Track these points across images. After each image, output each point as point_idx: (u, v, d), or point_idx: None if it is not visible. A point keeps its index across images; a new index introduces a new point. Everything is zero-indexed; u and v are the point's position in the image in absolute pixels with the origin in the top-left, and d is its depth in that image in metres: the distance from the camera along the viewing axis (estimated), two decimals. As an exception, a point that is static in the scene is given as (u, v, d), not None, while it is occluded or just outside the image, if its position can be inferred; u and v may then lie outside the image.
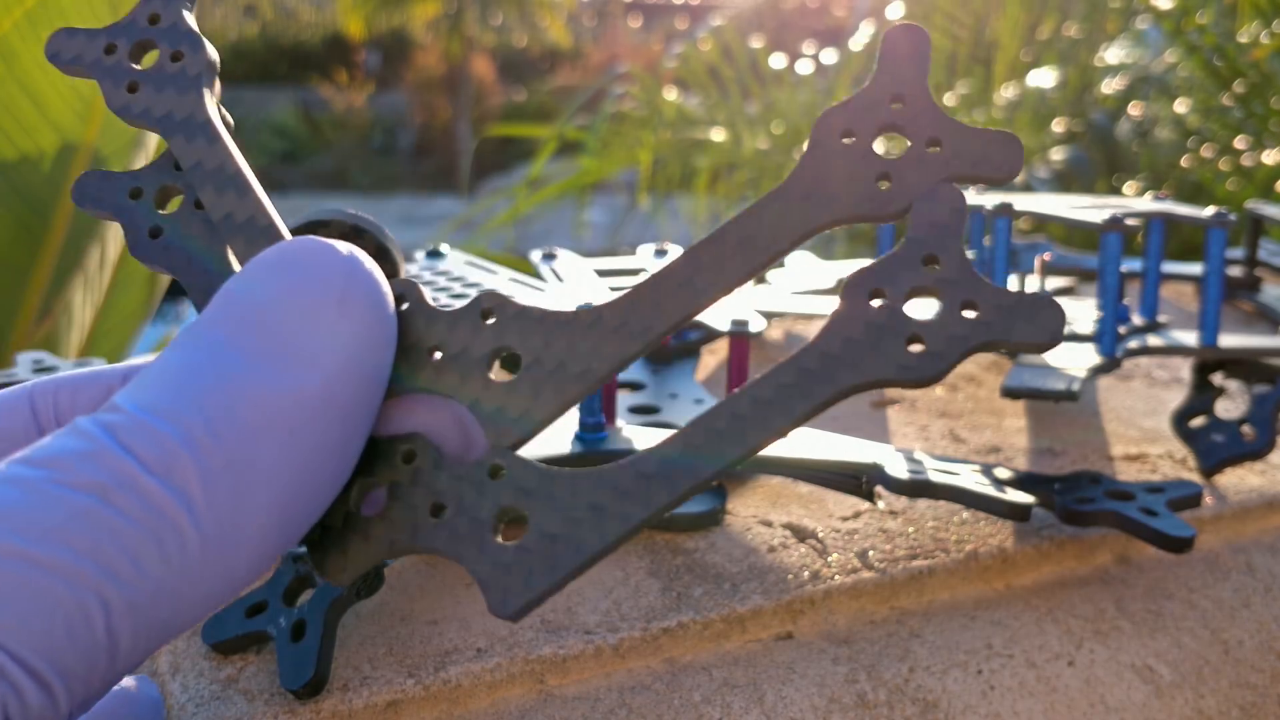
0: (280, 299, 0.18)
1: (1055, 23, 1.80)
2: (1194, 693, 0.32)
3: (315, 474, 0.18)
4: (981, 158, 0.19)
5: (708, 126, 1.84)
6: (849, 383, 0.19)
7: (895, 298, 0.19)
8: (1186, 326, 0.45)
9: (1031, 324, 0.18)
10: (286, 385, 0.17)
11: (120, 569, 0.16)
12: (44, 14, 0.71)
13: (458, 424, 0.20)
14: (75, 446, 0.16)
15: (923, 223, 0.19)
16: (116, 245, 0.82)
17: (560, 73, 7.12)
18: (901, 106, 0.20)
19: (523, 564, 0.18)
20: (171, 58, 0.23)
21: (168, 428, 0.17)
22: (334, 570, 0.19)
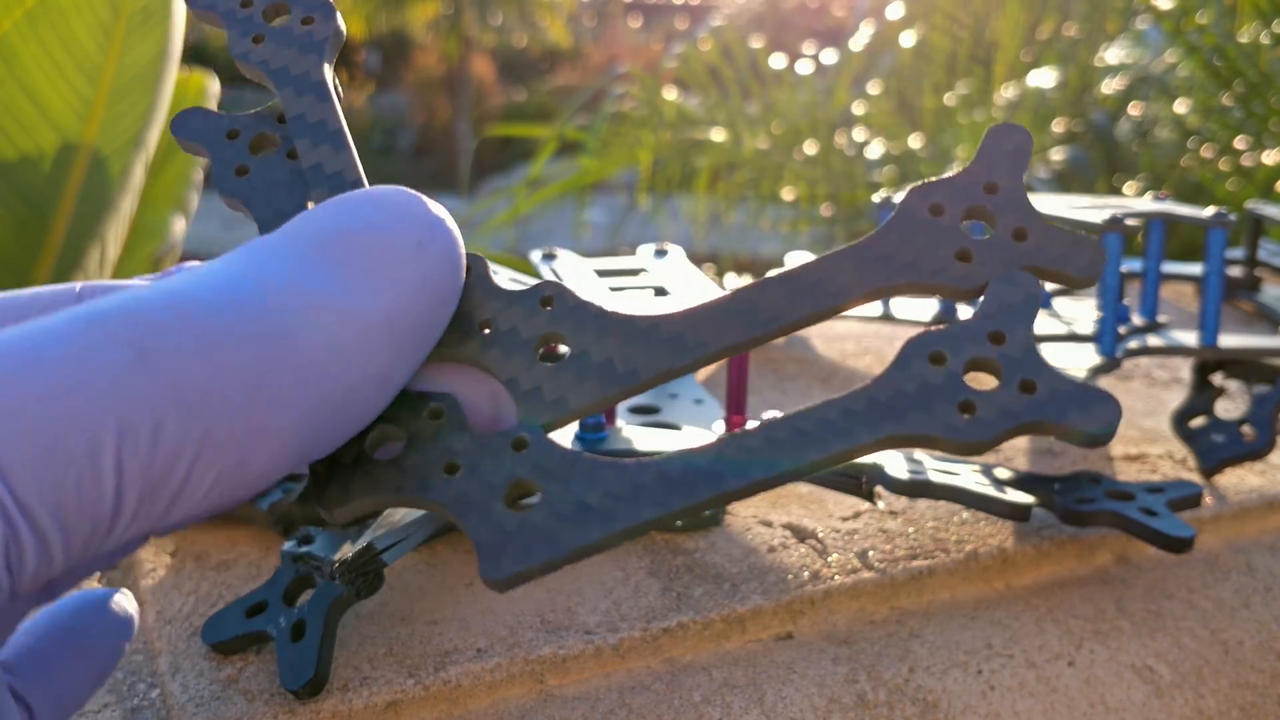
0: (361, 227, 0.18)
1: (1055, 23, 1.80)
2: (1194, 693, 0.32)
3: (346, 398, 0.18)
4: (1063, 257, 0.20)
5: (708, 126, 1.84)
6: (890, 432, 0.19)
7: (955, 364, 0.19)
8: (1186, 327, 0.45)
9: (1085, 413, 0.18)
10: (347, 305, 0.17)
11: (141, 433, 0.15)
12: (44, 14, 0.71)
13: (491, 399, 0.20)
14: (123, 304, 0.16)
15: (995, 302, 0.20)
16: (116, 246, 0.82)
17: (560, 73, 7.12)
18: (994, 196, 0.21)
19: (524, 536, 0.18)
20: (303, 21, 0.24)
21: (220, 302, 0.17)
22: (332, 503, 0.19)
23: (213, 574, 0.33)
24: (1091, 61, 1.76)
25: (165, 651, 0.29)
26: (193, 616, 0.31)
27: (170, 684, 0.28)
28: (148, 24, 0.74)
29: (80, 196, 0.77)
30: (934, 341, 0.19)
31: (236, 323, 0.16)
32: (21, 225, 0.76)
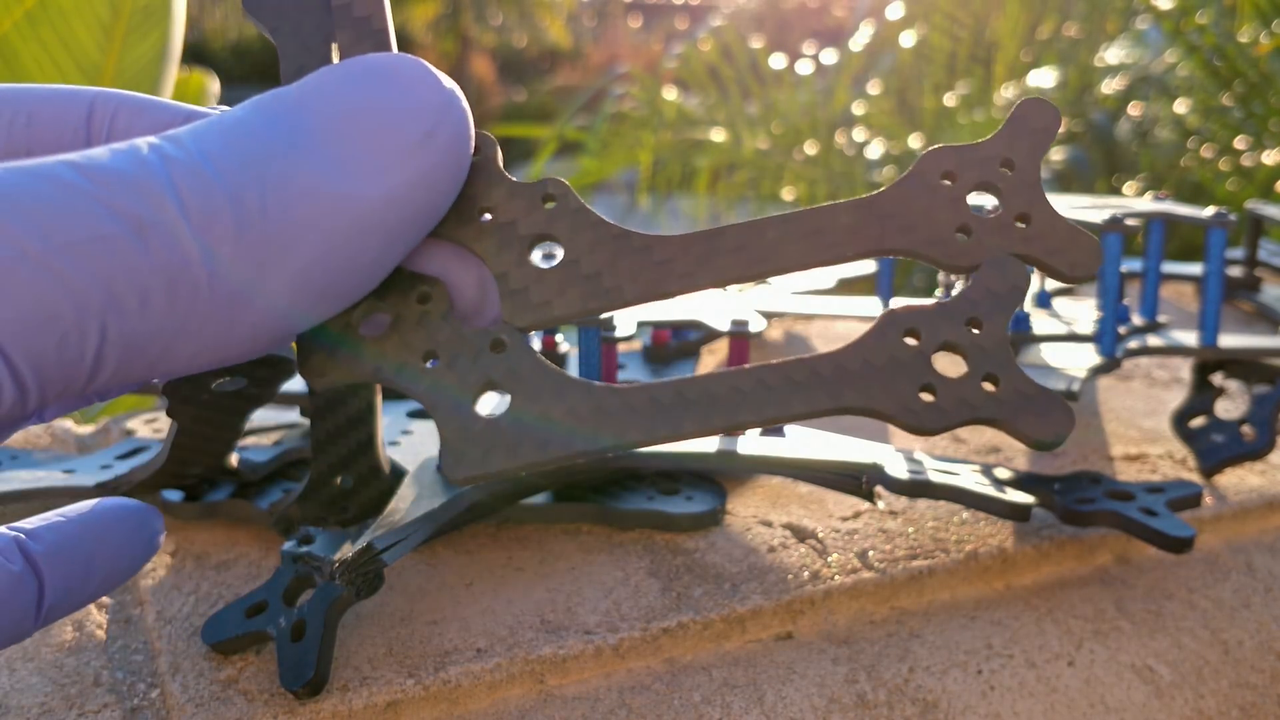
0: (370, 110, 0.18)
1: (1055, 23, 1.80)
2: (1194, 693, 0.32)
3: (341, 279, 0.18)
4: (1059, 249, 0.20)
5: (708, 127, 1.84)
6: (851, 403, 0.19)
7: (927, 344, 0.19)
8: (1186, 327, 0.45)
9: (1040, 419, 0.19)
10: (345, 193, 0.17)
11: (127, 303, 0.16)
12: (44, 14, 0.71)
13: (479, 286, 0.20)
14: (127, 169, 0.16)
15: (981, 286, 0.20)
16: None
17: (560, 73, 7.12)
18: (1009, 173, 0.20)
19: (488, 439, 0.19)
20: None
21: (221, 182, 0.17)
22: (314, 372, 0.19)
23: (213, 574, 0.33)
24: (1091, 61, 1.76)
25: (165, 651, 0.29)
26: (193, 616, 0.31)
27: (170, 684, 0.28)
28: (148, 24, 0.74)
29: (80, 196, 0.77)
30: (912, 318, 0.19)
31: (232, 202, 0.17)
32: (21, 225, 0.76)
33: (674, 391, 0.19)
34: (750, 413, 0.19)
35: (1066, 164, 1.57)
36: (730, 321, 0.38)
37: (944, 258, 0.20)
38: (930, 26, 1.82)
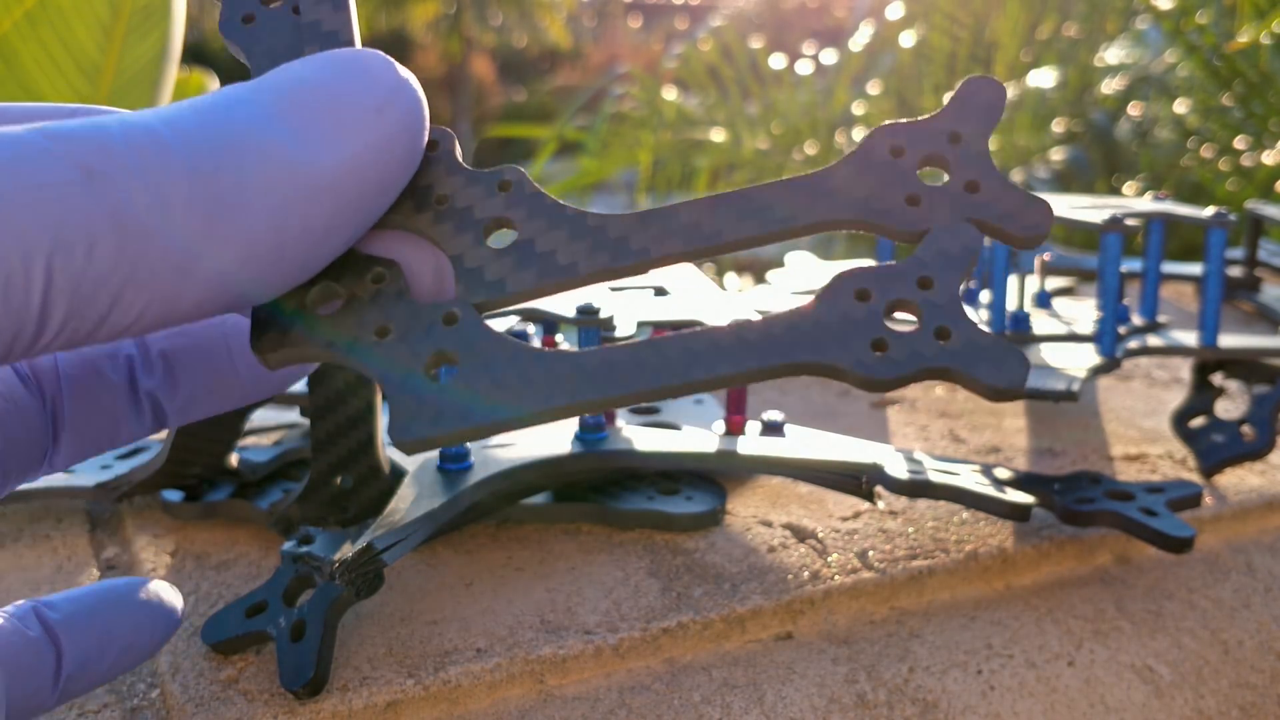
0: (324, 84, 0.19)
1: (1055, 23, 1.80)
2: (1194, 693, 0.32)
3: (292, 246, 0.18)
4: (1010, 213, 0.20)
5: (707, 127, 1.84)
6: (803, 359, 0.19)
7: (878, 302, 0.19)
8: (1186, 327, 0.45)
9: (995, 367, 0.19)
10: (297, 158, 0.18)
11: (75, 248, 0.16)
12: (44, 14, 0.71)
13: (435, 271, 0.20)
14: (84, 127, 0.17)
15: (933, 248, 0.20)
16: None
17: (560, 73, 7.12)
18: (957, 146, 0.21)
19: (437, 405, 0.19)
20: None
21: (175, 140, 0.17)
22: (267, 348, 0.20)
23: (213, 574, 0.33)
24: (1091, 61, 1.76)
25: (165, 651, 0.29)
26: (193, 616, 0.31)
27: (170, 684, 0.28)
28: (147, 24, 0.74)
29: (80, 196, 0.77)
30: (863, 278, 0.20)
31: (185, 158, 0.17)
32: (21, 225, 0.76)
33: (628, 353, 0.19)
34: (703, 370, 0.19)
35: (1066, 164, 1.57)
36: (730, 322, 0.38)
37: (895, 226, 0.20)
38: (930, 26, 1.82)
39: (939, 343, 0.19)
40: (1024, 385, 0.19)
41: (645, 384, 0.19)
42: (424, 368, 0.19)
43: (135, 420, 0.23)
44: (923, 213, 0.20)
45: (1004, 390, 0.19)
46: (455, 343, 0.19)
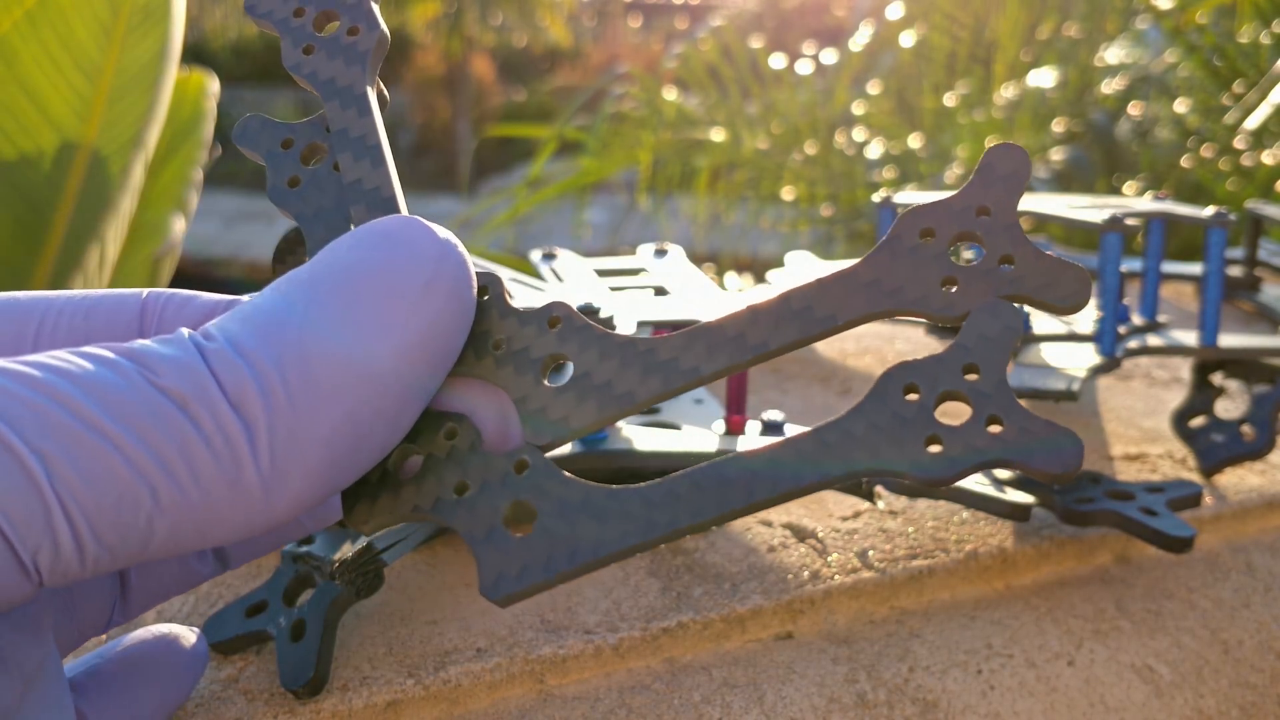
0: (372, 271, 0.20)
1: (1055, 23, 1.80)
2: (1194, 693, 0.32)
3: (368, 438, 0.19)
4: (1048, 284, 0.20)
5: (707, 127, 1.84)
6: (862, 466, 0.19)
7: (928, 397, 0.20)
8: (1186, 326, 0.45)
9: (1050, 454, 0.19)
10: (360, 354, 0.19)
11: (178, 472, 0.17)
12: (44, 14, 0.71)
13: (501, 416, 0.21)
14: (170, 354, 0.18)
15: (974, 333, 0.20)
16: (116, 245, 0.82)
17: (560, 73, 7.11)
18: (987, 219, 0.21)
19: (522, 556, 0.19)
20: (349, 31, 0.25)
21: (247, 365, 0.18)
22: (359, 519, 0.20)
23: (213, 574, 0.33)
24: (1091, 61, 1.76)
25: (165, 651, 0.29)
26: (193, 616, 0.31)
27: (170, 684, 0.28)
28: (147, 24, 0.74)
29: (80, 196, 0.77)
30: (910, 373, 0.20)
31: (263, 377, 0.18)
32: (21, 225, 0.76)
33: (690, 482, 0.20)
34: (765, 490, 0.20)
35: (1066, 164, 1.57)
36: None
37: (935, 311, 0.20)
38: (930, 26, 1.82)
39: (993, 433, 0.19)
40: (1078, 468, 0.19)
41: (712, 511, 0.20)
42: (503, 519, 0.20)
43: (199, 567, 0.24)
44: (960, 295, 0.20)
45: (1061, 475, 0.19)
46: (529, 491, 0.20)
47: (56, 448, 0.16)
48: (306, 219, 0.23)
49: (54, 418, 0.16)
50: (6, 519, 0.16)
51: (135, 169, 0.78)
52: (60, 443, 0.16)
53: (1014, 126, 1.65)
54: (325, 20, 0.25)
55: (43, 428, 0.16)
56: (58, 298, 0.22)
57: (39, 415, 0.16)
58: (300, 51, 0.25)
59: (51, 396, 0.17)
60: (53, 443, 0.16)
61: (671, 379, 0.21)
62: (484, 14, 6.94)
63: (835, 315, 0.21)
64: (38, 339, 0.21)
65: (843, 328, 0.21)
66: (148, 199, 0.86)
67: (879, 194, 0.50)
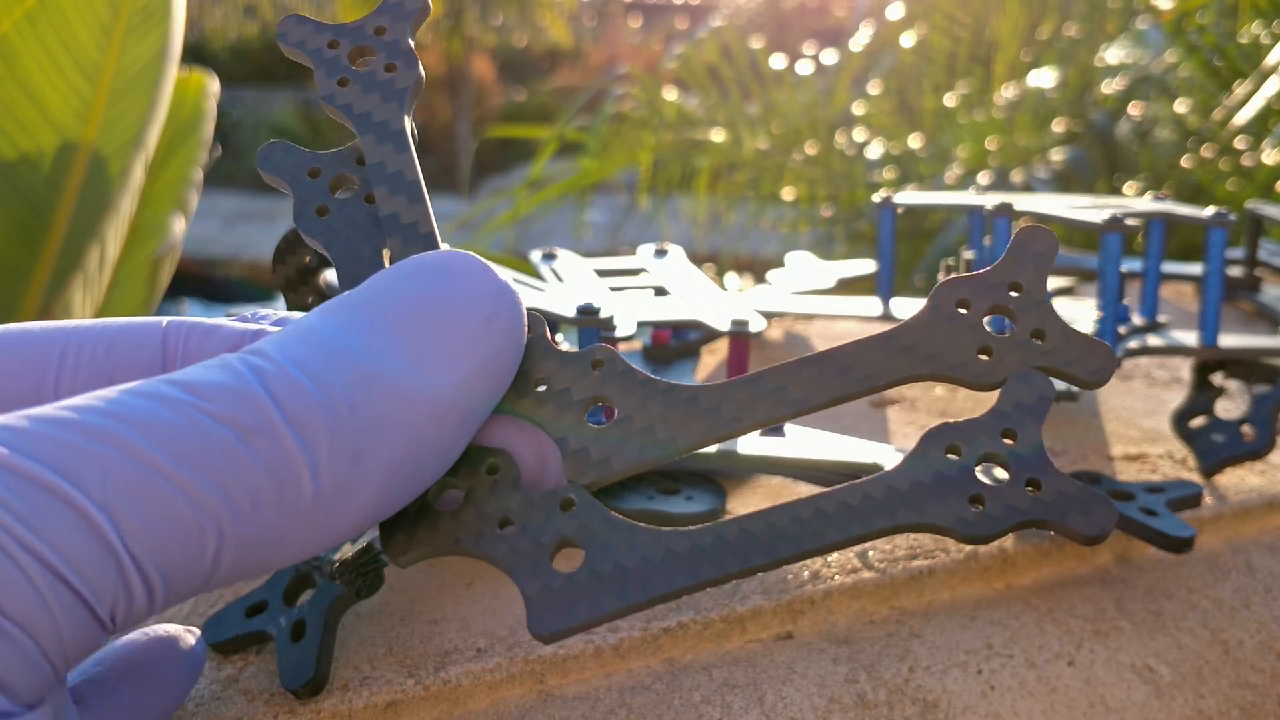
0: (434, 303, 0.20)
1: (1055, 23, 1.80)
2: (1194, 693, 0.32)
3: (423, 464, 0.19)
4: (1076, 359, 0.21)
5: (708, 127, 1.84)
6: (907, 521, 0.20)
7: (969, 458, 0.21)
8: (1186, 326, 0.45)
9: (1084, 516, 0.20)
10: (422, 384, 0.19)
11: (241, 505, 0.17)
12: (44, 14, 0.71)
13: (539, 453, 0.21)
14: (225, 381, 0.18)
15: (1010, 400, 0.21)
16: (116, 245, 0.82)
17: (560, 73, 7.11)
18: (1019, 295, 0.22)
19: (569, 595, 0.20)
20: (385, 68, 0.25)
21: (312, 386, 0.18)
22: (397, 550, 0.20)
23: (213, 574, 0.33)
24: (1091, 61, 1.76)
25: (165, 651, 0.29)
26: (192, 616, 0.31)
27: (170, 684, 0.28)
28: (147, 24, 0.74)
29: (80, 196, 0.77)
30: (951, 434, 0.21)
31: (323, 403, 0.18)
32: (21, 225, 0.76)
33: (738, 528, 0.20)
34: (812, 540, 0.20)
35: (1066, 164, 1.57)
36: (730, 321, 0.38)
37: (971, 379, 0.21)
38: (930, 27, 1.82)
39: (1031, 494, 0.20)
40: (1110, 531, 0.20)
41: (760, 559, 0.20)
42: (550, 556, 0.20)
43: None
44: (995, 364, 0.21)
45: (1094, 538, 0.20)
46: (575, 529, 0.20)
47: (121, 499, 0.16)
48: (335, 247, 0.23)
49: (116, 467, 0.16)
50: (82, 580, 0.16)
51: (135, 169, 0.78)
52: (125, 493, 0.16)
53: (1014, 127, 1.65)
54: (359, 55, 0.25)
55: (106, 480, 0.16)
56: (76, 330, 0.21)
57: (101, 466, 0.16)
58: (335, 83, 0.25)
59: (111, 444, 0.16)
60: (117, 494, 0.16)
61: (713, 428, 0.21)
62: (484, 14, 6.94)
63: (876, 376, 0.21)
64: (59, 376, 0.21)
65: (882, 388, 0.21)
66: (148, 199, 0.86)
67: (879, 194, 0.50)
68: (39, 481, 0.16)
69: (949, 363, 0.21)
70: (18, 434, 0.16)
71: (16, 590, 0.15)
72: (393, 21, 0.25)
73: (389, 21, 0.25)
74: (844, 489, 0.20)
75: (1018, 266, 0.22)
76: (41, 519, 0.16)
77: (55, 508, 0.16)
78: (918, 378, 0.22)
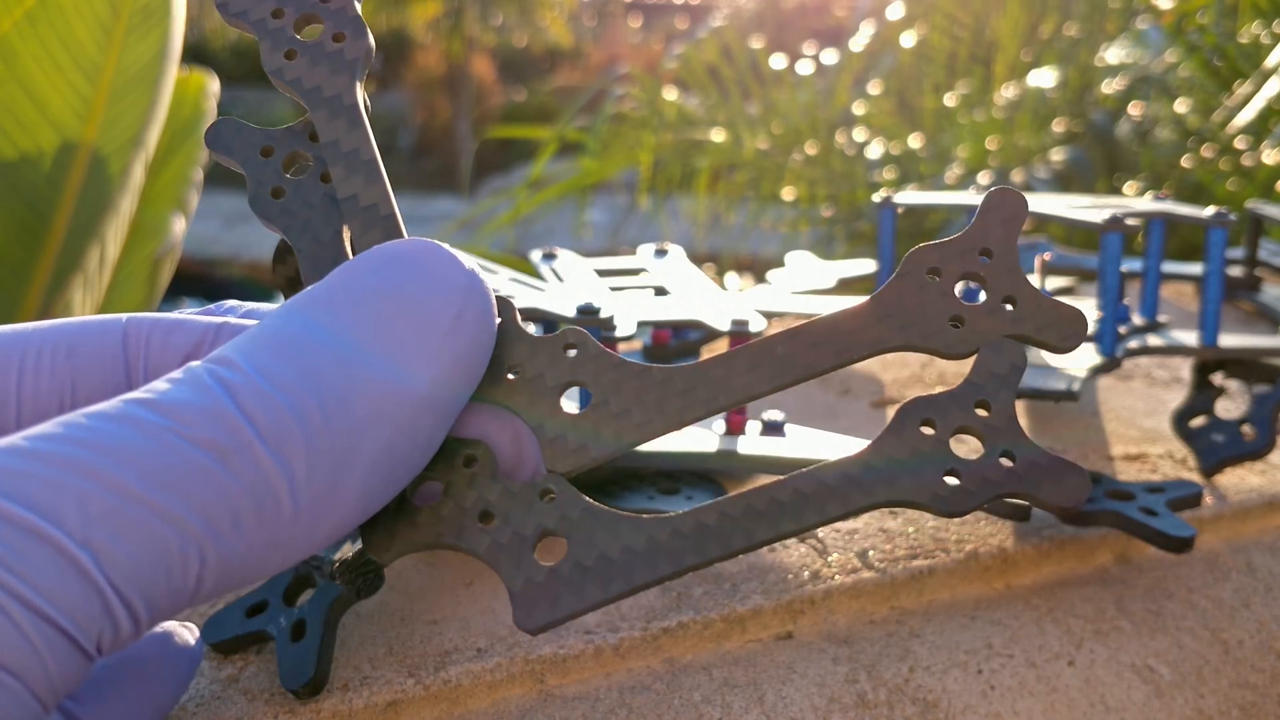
0: (404, 298, 0.19)
1: (1055, 23, 1.80)
2: (1194, 692, 0.32)
3: (401, 465, 0.19)
4: (1047, 324, 0.21)
5: (708, 127, 1.84)
6: (884, 498, 0.20)
7: (944, 431, 0.21)
8: (1187, 326, 0.45)
9: (1058, 486, 0.20)
10: (396, 384, 0.19)
11: (221, 526, 0.17)
12: (44, 14, 0.71)
13: (515, 441, 0.21)
14: (196, 400, 0.17)
15: (983, 370, 0.21)
16: (116, 245, 0.82)
17: (560, 72, 7.11)
18: (989, 261, 0.22)
19: (553, 587, 0.19)
20: (334, 38, 0.24)
21: (285, 400, 0.18)
22: (379, 548, 0.20)
23: (213, 574, 0.33)
24: (1091, 61, 1.76)
25: (165, 651, 0.29)
26: (192, 616, 0.31)
27: (170, 684, 0.28)
28: (147, 23, 0.74)
29: (80, 196, 0.77)
30: (926, 408, 0.21)
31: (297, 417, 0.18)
32: (21, 225, 0.76)
33: (718, 512, 0.20)
34: (791, 522, 0.20)
35: (1066, 164, 1.57)
36: (730, 321, 0.38)
37: (943, 348, 0.21)
38: (930, 27, 1.82)
39: (1005, 466, 0.20)
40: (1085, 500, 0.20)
41: (740, 543, 0.20)
42: (532, 548, 0.20)
43: None
44: (966, 333, 0.21)
45: (1069, 508, 0.20)
46: (556, 520, 0.20)
47: (102, 533, 0.16)
48: (294, 231, 0.23)
49: (94, 499, 0.16)
50: (68, 618, 0.16)
51: (135, 169, 0.78)
52: (105, 525, 0.16)
53: (1014, 127, 1.65)
54: (305, 23, 0.24)
55: (84, 513, 0.16)
56: (34, 334, 0.21)
57: (78, 499, 0.16)
58: (282, 55, 0.24)
59: (87, 475, 0.16)
60: (97, 527, 0.16)
61: (689, 409, 0.21)
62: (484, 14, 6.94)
63: (849, 349, 0.21)
64: (21, 384, 0.20)
65: (856, 359, 0.21)
66: (148, 199, 0.86)
67: (879, 194, 0.50)
68: (15, 520, 0.15)
69: (921, 331, 0.21)
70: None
71: (3, 636, 0.15)
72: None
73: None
74: (820, 468, 0.20)
75: (987, 230, 0.22)
76: (21, 560, 0.15)
77: (34, 547, 0.15)
78: (891, 348, 0.21)
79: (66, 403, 0.20)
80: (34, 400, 0.20)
